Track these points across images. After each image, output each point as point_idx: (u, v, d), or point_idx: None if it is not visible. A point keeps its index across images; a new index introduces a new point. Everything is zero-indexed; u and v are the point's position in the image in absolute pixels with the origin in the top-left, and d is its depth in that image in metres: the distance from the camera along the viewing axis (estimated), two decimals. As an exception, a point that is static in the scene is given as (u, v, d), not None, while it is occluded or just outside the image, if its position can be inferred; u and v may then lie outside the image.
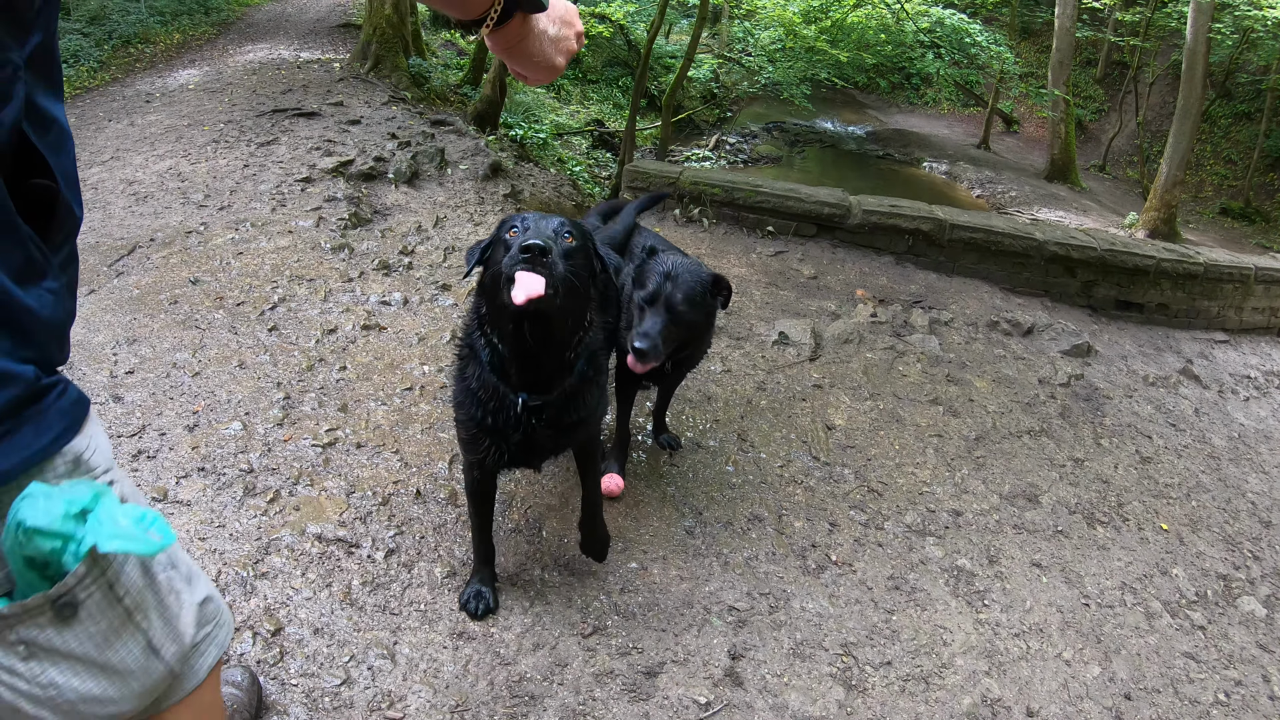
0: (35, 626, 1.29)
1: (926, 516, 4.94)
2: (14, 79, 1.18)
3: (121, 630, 1.41)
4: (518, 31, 1.73)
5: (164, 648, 1.48)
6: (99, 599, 1.36)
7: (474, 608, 3.66)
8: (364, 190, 8.12)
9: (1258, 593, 5.07)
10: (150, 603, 1.46)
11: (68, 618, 1.32)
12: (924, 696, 3.73)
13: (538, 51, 1.77)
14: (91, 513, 1.26)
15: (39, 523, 1.23)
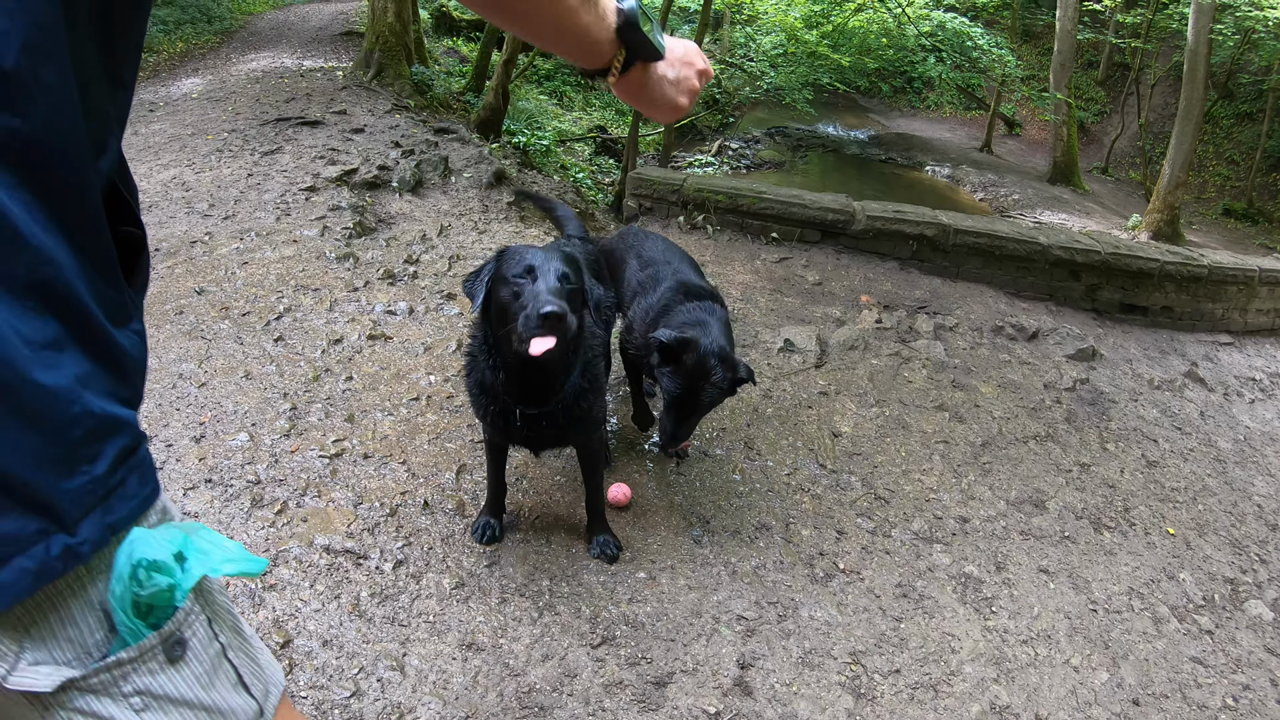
0: (148, 672, 1.28)
1: (933, 523, 4.94)
2: (110, 129, 1.22)
3: (218, 668, 1.41)
4: (639, 79, 1.84)
5: (252, 684, 1.48)
6: (202, 635, 1.37)
7: (482, 535, 4.10)
8: (368, 199, 8.13)
9: (1265, 596, 5.07)
10: (237, 639, 1.47)
11: (177, 659, 1.33)
12: (933, 704, 3.73)
13: (660, 95, 1.89)
14: (189, 550, 1.28)
15: (157, 556, 1.24)
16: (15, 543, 1.10)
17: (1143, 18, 22.39)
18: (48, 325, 1.08)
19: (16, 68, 1.02)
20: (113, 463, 1.22)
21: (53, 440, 1.15)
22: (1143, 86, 24.08)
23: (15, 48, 1.02)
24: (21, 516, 1.11)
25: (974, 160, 23.57)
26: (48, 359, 1.09)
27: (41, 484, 1.13)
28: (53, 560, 1.14)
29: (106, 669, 1.23)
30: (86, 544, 1.18)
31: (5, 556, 1.10)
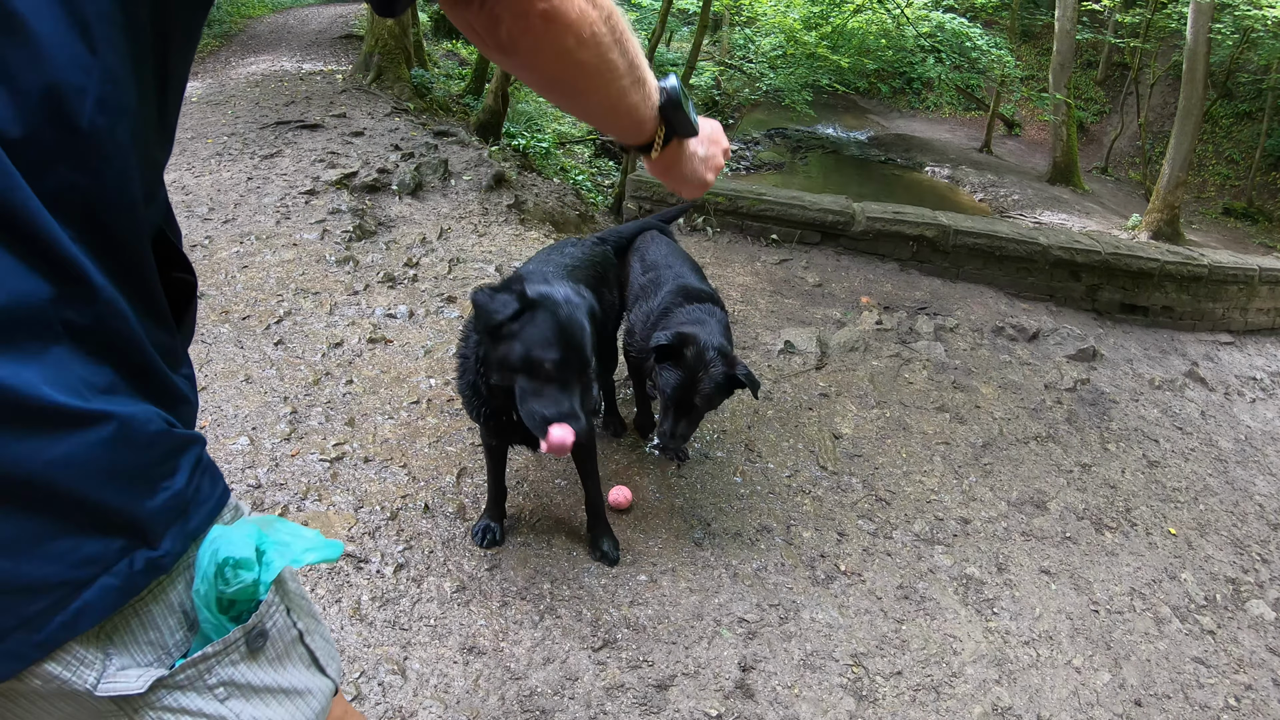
0: (231, 663, 1.31)
1: (935, 525, 4.94)
2: (160, 178, 1.25)
3: (295, 653, 1.44)
4: (674, 156, 1.90)
5: (327, 664, 1.51)
6: (280, 624, 1.40)
7: (482, 539, 4.08)
8: (368, 202, 8.13)
9: (1267, 596, 5.07)
10: (312, 622, 1.50)
11: (257, 649, 1.35)
12: (935, 706, 3.73)
13: (690, 171, 1.94)
14: (267, 544, 1.30)
15: (241, 553, 1.27)
16: (99, 562, 1.12)
17: (1141, 17, 22.38)
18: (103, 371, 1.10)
19: (91, 126, 1.03)
20: (190, 474, 1.25)
21: (139, 458, 1.17)
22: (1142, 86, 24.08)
23: (90, 105, 1.03)
24: (105, 538, 1.12)
25: (973, 161, 23.56)
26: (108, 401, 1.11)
27: (126, 507, 1.15)
28: (136, 574, 1.16)
29: (192, 664, 1.25)
30: (169, 555, 1.21)
31: (90, 577, 1.11)
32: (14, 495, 1.03)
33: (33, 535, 1.05)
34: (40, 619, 1.08)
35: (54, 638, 1.10)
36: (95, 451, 1.10)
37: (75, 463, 1.07)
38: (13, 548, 1.04)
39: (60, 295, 1.03)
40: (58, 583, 1.08)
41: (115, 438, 1.13)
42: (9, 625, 1.06)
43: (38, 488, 1.04)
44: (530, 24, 1.44)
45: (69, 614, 1.10)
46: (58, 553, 1.08)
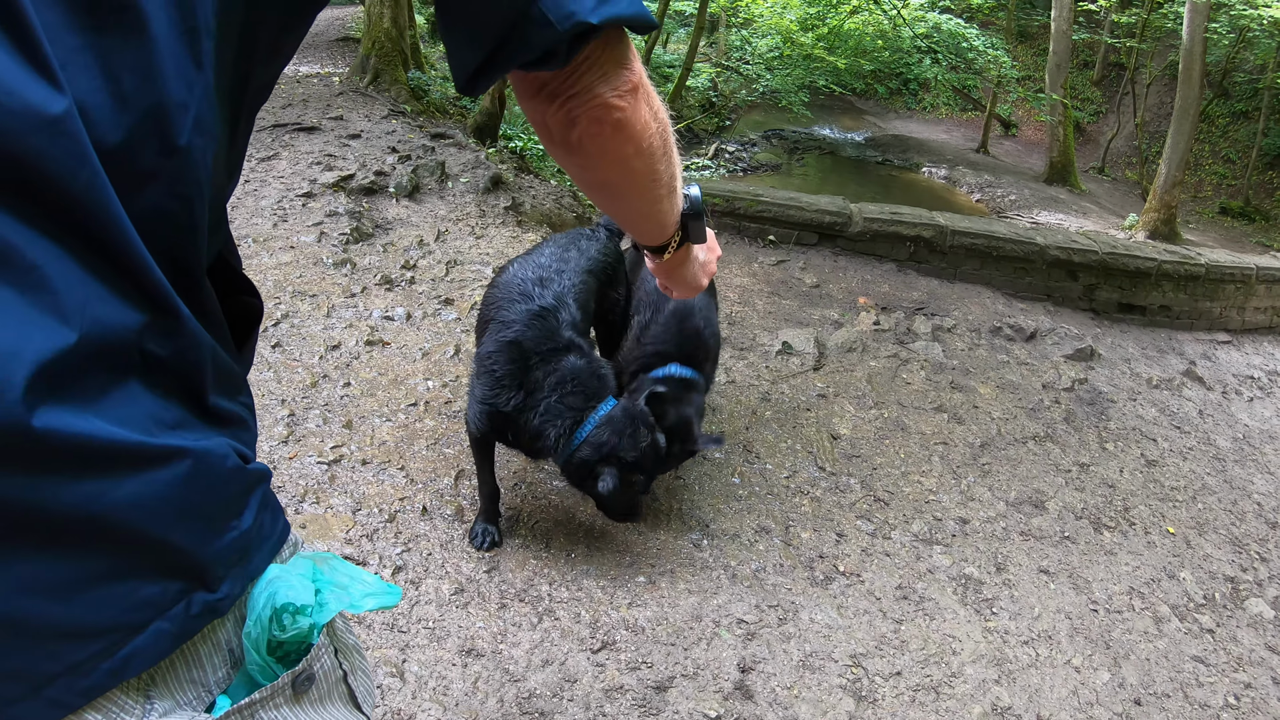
0: (274, 706, 1.26)
1: (933, 525, 4.94)
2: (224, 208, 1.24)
3: (335, 692, 1.40)
4: (682, 259, 1.98)
5: (364, 702, 1.47)
6: (327, 666, 1.35)
7: (480, 541, 4.07)
8: (365, 205, 8.12)
9: (1265, 594, 5.07)
10: (358, 659, 1.47)
11: (302, 692, 1.31)
12: (934, 706, 3.73)
13: (690, 275, 2.05)
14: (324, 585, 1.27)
15: (300, 599, 1.24)
16: (155, 606, 1.07)
17: (1138, 17, 22.42)
18: (172, 407, 1.07)
19: (188, 147, 1.00)
20: (256, 512, 1.22)
21: (214, 496, 1.14)
22: (1138, 86, 24.12)
23: (190, 124, 1.00)
24: (164, 581, 1.08)
25: (970, 161, 23.57)
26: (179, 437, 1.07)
27: (193, 549, 1.12)
28: (192, 619, 1.13)
29: (237, 711, 1.21)
30: (227, 599, 1.17)
31: (144, 622, 1.07)
32: (73, 536, 0.98)
33: (88, 578, 1.00)
34: (87, 665, 1.02)
35: (99, 685, 1.04)
36: (167, 490, 1.06)
37: (145, 503, 1.03)
38: (65, 590, 0.99)
39: (147, 325, 1.00)
40: (109, 627, 1.03)
41: (190, 475, 1.09)
42: (54, 671, 1.00)
43: (100, 529, 1.00)
44: (602, 129, 1.47)
45: (117, 660, 1.05)
46: (113, 596, 1.03)
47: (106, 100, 0.93)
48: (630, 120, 1.49)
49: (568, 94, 1.45)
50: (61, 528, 0.96)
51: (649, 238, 1.89)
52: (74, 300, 0.91)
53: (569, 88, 1.44)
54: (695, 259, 2.03)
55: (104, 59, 0.92)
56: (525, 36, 1.30)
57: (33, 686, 0.98)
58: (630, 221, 1.85)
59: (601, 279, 4.41)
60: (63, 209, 0.89)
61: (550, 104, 1.46)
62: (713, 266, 2.13)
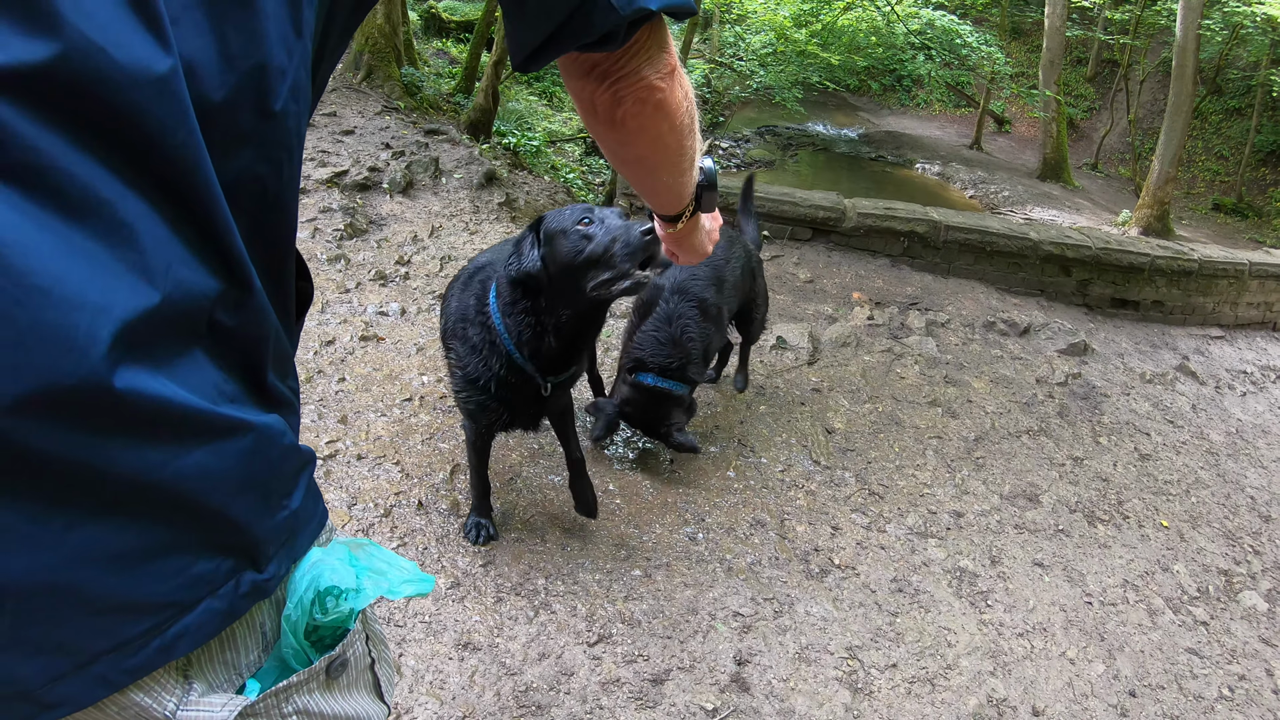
0: (308, 691, 1.26)
1: (928, 518, 4.95)
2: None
3: (362, 679, 1.38)
4: (692, 227, 2.10)
5: (387, 691, 1.45)
6: (359, 653, 1.35)
7: (475, 536, 4.06)
8: (359, 201, 8.11)
9: (1259, 587, 5.09)
10: (383, 648, 1.45)
11: (335, 678, 1.30)
12: (930, 698, 3.74)
13: (698, 242, 2.17)
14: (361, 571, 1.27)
15: (343, 582, 1.23)
16: (207, 584, 1.07)
17: (1131, 14, 22.44)
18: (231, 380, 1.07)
19: (283, 113, 1.01)
20: (305, 493, 1.21)
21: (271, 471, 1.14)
22: (1132, 83, 24.11)
23: (286, 90, 1.00)
24: (217, 558, 1.08)
25: (964, 158, 23.60)
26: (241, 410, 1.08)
27: (249, 525, 1.11)
28: (240, 598, 1.12)
29: (274, 694, 1.21)
30: (274, 580, 1.17)
31: (195, 599, 1.06)
32: (135, 505, 0.97)
33: (146, 550, 0.99)
34: (137, 642, 1.01)
35: (148, 663, 1.04)
36: (232, 463, 1.06)
37: (210, 474, 1.03)
38: (123, 562, 0.97)
39: (222, 294, 1.00)
40: (163, 603, 1.02)
41: (253, 450, 1.09)
42: (103, 648, 0.99)
43: (162, 498, 0.99)
44: (644, 108, 1.57)
45: (167, 638, 1.04)
46: (168, 571, 1.02)
47: (213, 58, 0.93)
48: (669, 100, 1.60)
49: (617, 75, 1.52)
50: (125, 494, 0.95)
51: (668, 207, 2.01)
52: (160, 260, 0.91)
53: (618, 69, 1.51)
54: (703, 227, 2.14)
55: (214, 17, 0.93)
56: (589, 19, 1.34)
57: (80, 662, 0.97)
58: (655, 192, 1.96)
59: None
60: (156, 167, 0.89)
61: (600, 84, 1.53)
62: (715, 234, 2.23)
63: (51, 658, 0.95)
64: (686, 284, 4.84)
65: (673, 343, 4.70)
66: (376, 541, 3.93)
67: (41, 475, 0.88)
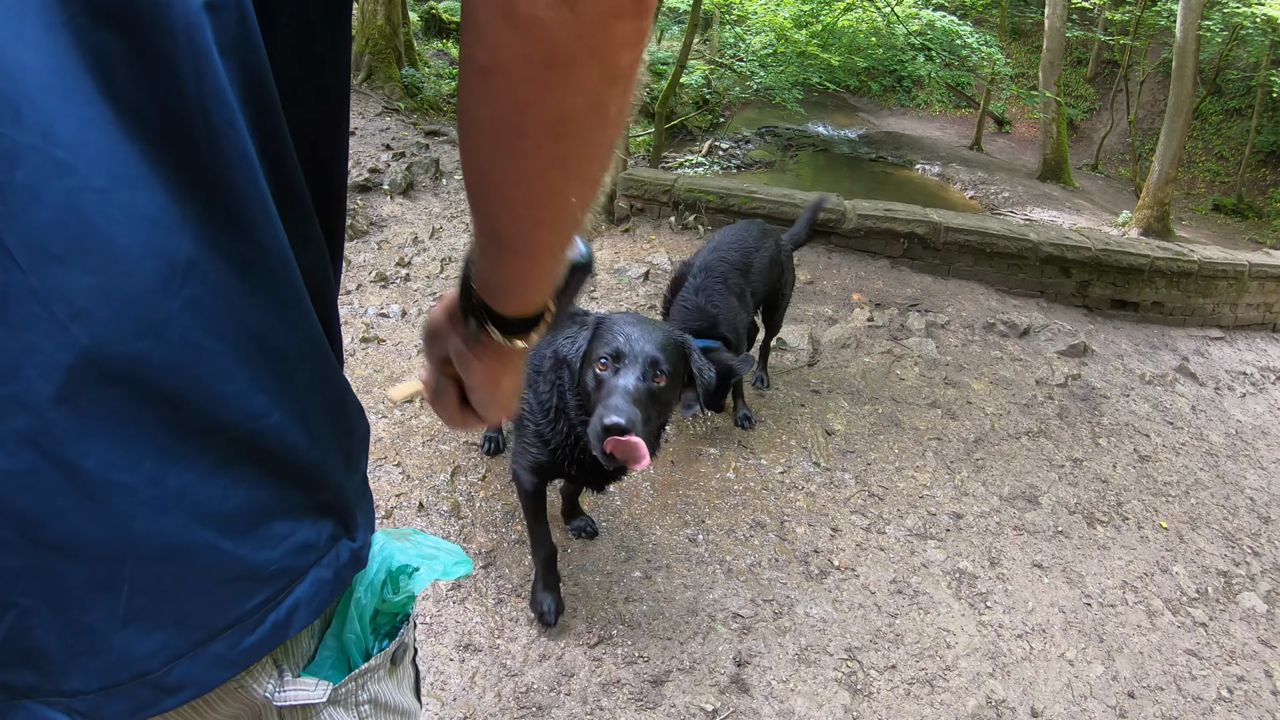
0: (377, 679, 1.25)
1: (927, 520, 4.95)
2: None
3: (407, 673, 1.39)
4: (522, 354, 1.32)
5: (420, 689, 1.46)
6: (410, 641, 1.35)
7: (550, 618, 3.69)
8: (359, 202, 8.13)
9: (1258, 588, 5.09)
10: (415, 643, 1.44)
11: (396, 665, 1.30)
12: (929, 699, 3.75)
13: (509, 385, 1.35)
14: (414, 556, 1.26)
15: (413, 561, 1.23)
16: (314, 550, 1.06)
17: (1131, 15, 22.44)
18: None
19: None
20: (366, 463, 1.20)
21: (349, 427, 1.12)
22: (1131, 83, 24.11)
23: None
24: (317, 522, 1.06)
25: (964, 158, 23.59)
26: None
27: (343, 483, 1.10)
28: (344, 567, 1.11)
29: (356, 678, 1.21)
30: (365, 548, 1.16)
31: (305, 567, 1.05)
32: (248, 459, 0.96)
33: (255, 510, 0.98)
34: (253, 618, 1.00)
35: (264, 643, 1.02)
36: (329, 414, 1.06)
37: (309, 421, 1.02)
38: (236, 524, 0.96)
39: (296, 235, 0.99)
40: (276, 572, 1.01)
41: (345, 398, 1.10)
42: (221, 623, 0.98)
43: (272, 450, 0.98)
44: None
45: (281, 613, 1.03)
46: (277, 535, 1.01)
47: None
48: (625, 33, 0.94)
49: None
50: (244, 444, 0.95)
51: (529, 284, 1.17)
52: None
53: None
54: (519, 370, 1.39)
55: None
56: None
57: (199, 639, 0.97)
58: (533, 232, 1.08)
59: None
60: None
61: None
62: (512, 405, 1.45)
63: (170, 633, 0.94)
64: (713, 263, 5.06)
65: (699, 310, 4.86)
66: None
67: (161, 416, 0.89)
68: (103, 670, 0.92)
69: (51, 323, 0.81)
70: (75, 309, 0.82)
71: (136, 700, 0.94)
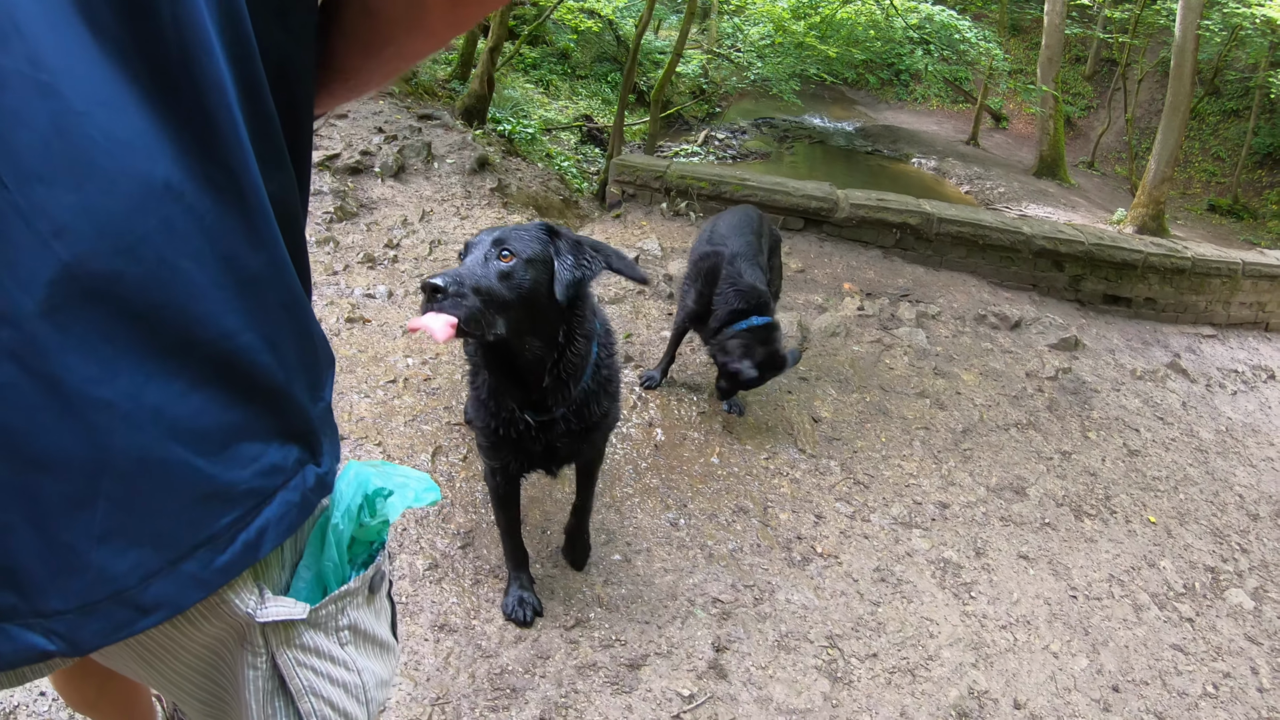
0: (356, 606, 1.31)
1: (913, 509, 4.91)
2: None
3: (384, 607, 1.45)
4: None
5: (397, 627, 1.52)
6: (386, 572, 1.41)
7: (520, 615, 3.59)
8: (350, 184, 8.07)
9: (1246, 585, 5.06)
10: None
11: (373, 594, 1.36)
12: (910, 689, 3.71)
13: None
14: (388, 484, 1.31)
15: (388, 485, 1.28)
16: (281, 472, 1.11)
17: (1130, 13, 22.40)
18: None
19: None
20: (330, 392, 1.25)
21: (314, 354, 1.18)
22: (1130, 82, 24.08)
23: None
24: (285, 445, 1.11)
25: (960, 153, 23.55)
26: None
27: (306, 406, 1.15)
28: (310, 492, 1.15)
29: (336, 600, 1.26)
30: (330, 473, 1.21)
31: (273, 489, 1.10)
32: (220, 378, 1.01)
33: (226, 430, 1.03)
34: (225, 536, 1.05)
35: (236, 562, 1.07)
36: (295, 336, 1.11)
37: (279, 344, 1.08)
38: (207, 443, 1.01)
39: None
40: (245, 491, 1.06)
41: (304, 326, 1.14)
42: (193, 541, 1.02)
43: (242, 370, 1.03)
44: None
45: (251, 533, 1.07)
46: (246, 456, 1.06)
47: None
48: None
49: None
50: (212, 365, 1.00)
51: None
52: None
53: None
54: None
55: None
56: None
57: (173, 557, 1.01)
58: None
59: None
60: None
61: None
62: None
63: (145, 551, 0.98)
64: (743, 248, 5.17)
65: (752, 289, 4.99)
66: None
67: (138, 333, 0.94)
68: (80, 589, 0.96)
69: (35, 239, 0.86)
70: (57, 226, 0.87)
71: (113, 619, 0.99)
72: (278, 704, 1.25)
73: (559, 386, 3.08)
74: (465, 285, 2.63)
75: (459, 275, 2.64)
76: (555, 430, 3.20)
